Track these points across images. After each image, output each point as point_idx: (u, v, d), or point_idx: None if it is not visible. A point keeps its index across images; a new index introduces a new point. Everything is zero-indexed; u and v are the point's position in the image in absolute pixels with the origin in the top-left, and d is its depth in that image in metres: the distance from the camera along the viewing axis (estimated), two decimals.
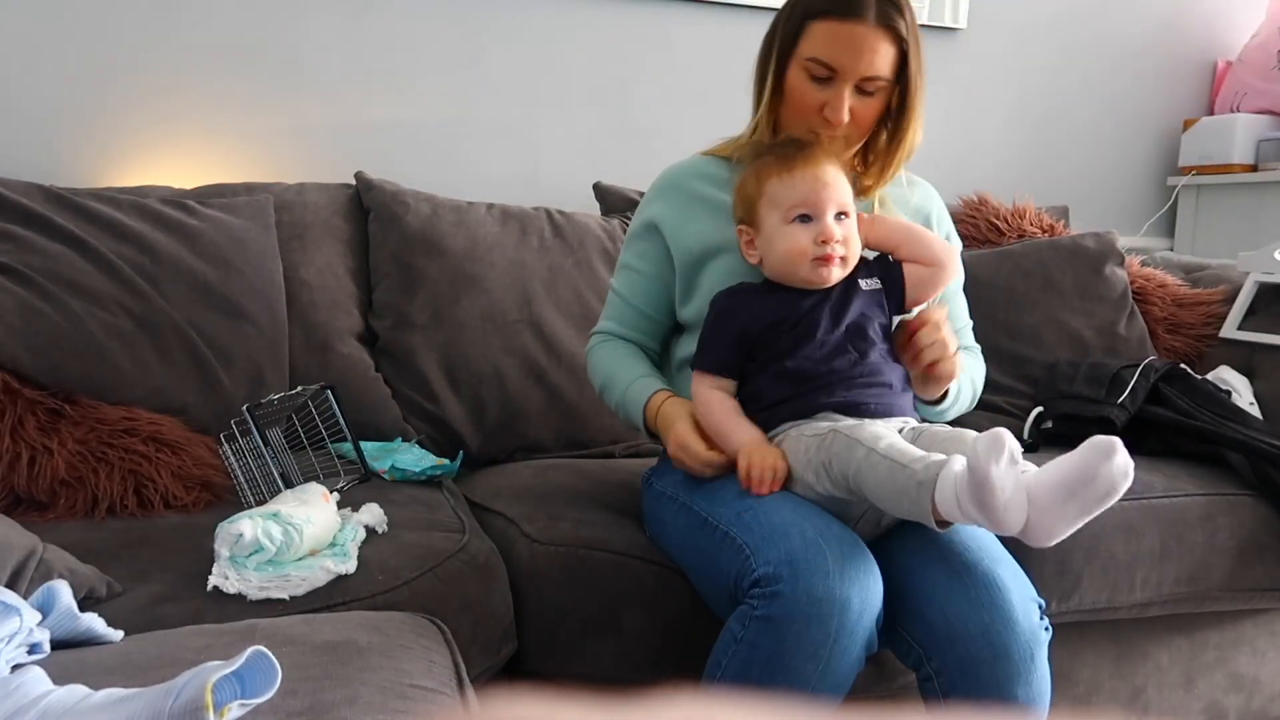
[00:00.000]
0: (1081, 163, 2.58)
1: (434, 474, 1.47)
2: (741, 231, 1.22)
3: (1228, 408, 1.64)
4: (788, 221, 1.16)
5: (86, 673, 0.76)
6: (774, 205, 1.17)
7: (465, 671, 0.89)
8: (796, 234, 1.16)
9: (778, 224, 1.17)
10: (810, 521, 1.05)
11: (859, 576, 1.01)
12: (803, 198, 1.16)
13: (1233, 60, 2.63)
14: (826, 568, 1.00)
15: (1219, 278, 2.02)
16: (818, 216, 1.16)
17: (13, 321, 1.35)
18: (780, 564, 1.00)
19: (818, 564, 1.00)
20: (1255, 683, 1.60)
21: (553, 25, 2.09)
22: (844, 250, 1.16)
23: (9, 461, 1.27)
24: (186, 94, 1.88)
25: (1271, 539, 1.48)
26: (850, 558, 1.02)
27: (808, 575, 0.99)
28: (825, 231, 1.15)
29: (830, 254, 1.15)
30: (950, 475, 0.96)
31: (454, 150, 2.06)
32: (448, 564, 1.16)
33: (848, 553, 1.02)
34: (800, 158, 1.18)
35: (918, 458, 1.00)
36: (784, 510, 1.08)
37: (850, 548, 1.03)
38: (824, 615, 0.98)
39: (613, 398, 1.33)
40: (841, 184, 1.18)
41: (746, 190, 1.21)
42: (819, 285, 1.18)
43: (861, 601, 1.00)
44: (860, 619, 1.00)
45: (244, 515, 1.08)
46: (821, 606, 0.98)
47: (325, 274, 1.70)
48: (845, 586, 0.99)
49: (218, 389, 1.47)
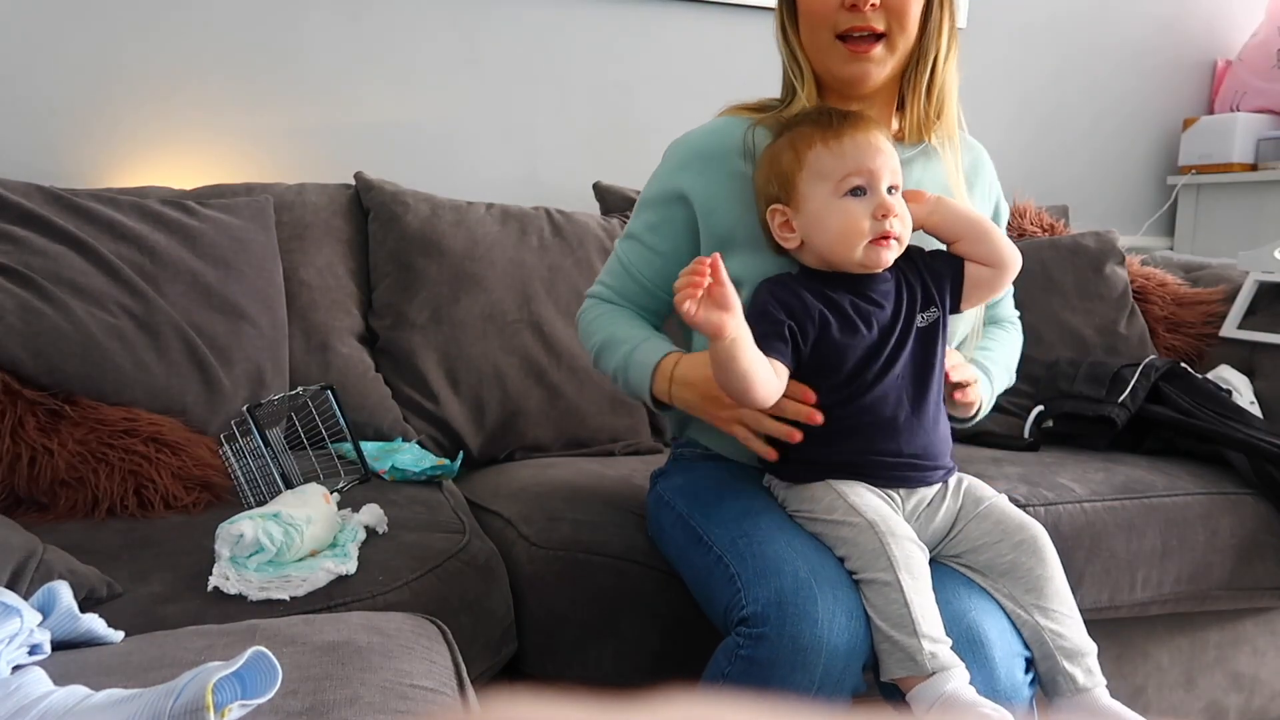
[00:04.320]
0: (1081, 162, 2.58)
1: (434, 474, 1.46)
2: (775, 212, 1.07)
3: (1228, 407, 1.64)
4: (840, 195, 1.03)
5: (87, 673, 0.76)
6: (820, 177, 1.03)
7: (465, 672, 0.89)
8: (851, 209, 1.02)
9: (827, 198, 1.03)
10: (804, 559, 1.00)
11: (848, 623, 0.96)
12: (857, 166, 1.02)
13: (1232, 60, 2.63)
14: (815, 614, 0.95)
15: (1219, 277, 2.02)
16: (873, 189, 1.03)
17: (13, 321, 1.35)
18: (769, 605, 0.96)
19: (806, 610, 0.95)
20: (1255, 682, 1.60)
21: (553, 25, 2.09)
22: (901, 228, 1.04)
23: (9, 462, 1.27)
24: (186, 94, 1.88)
25: (1272, 538, 1.48)
26: (841, 601, 0.97)
27: (795, 621, 0.95)
28: (884, 205, 1.02)
29: (889, 231, 1.02)
30: (938, 691, 0.91)
31: (453, 150, 2.05)
32: (448, 564, 1.16)
33: (840, 596, 0.97)
34: (847, 123, 1.05)
35: (929, 634, 0.94)
36: (779, 542, 1.02)
37: (842, 591, 0.98)
38: (809, 664, 0.95)
39: (612, 360, 1.19)
40: (893, 153, 1.05)
41: (782, 164, 1.06)
42: (873, 268, 1.05)
43: (849, 650, 0.96)
44: (846, 668, 0.96)
45: (244, 516, 1.08)
46: (807, 655, 0.94)
47: (325, 274, 1.70)
48: (833, 635, 0.95)
49: (218, 389, 1.47)
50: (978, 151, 1.27)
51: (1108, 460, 1.56)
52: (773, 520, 1.06)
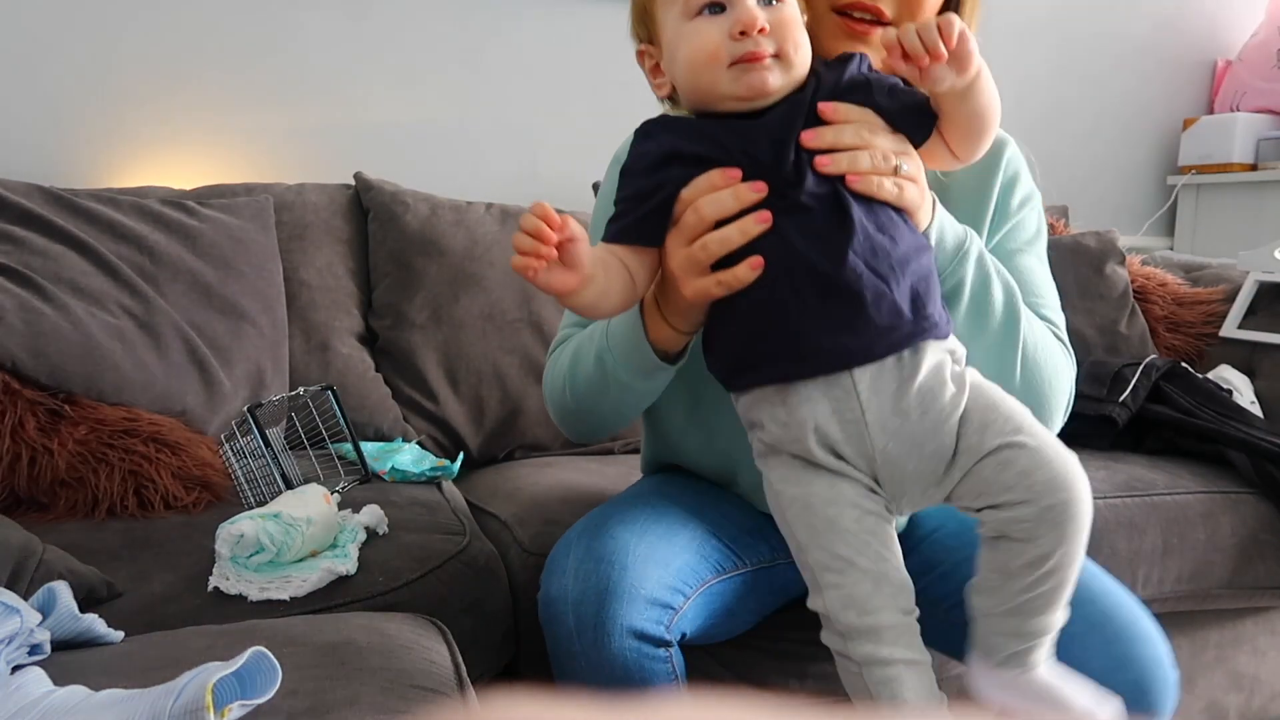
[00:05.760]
0: (1081, 162, 2.58)
1: (434, 475, 1.46)
2: (643, 55, 0.91)
3: (1229, 406, 1.64)
4: (690, 16, 0.82)
5: (87, 673, 0.76)
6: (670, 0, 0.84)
7: (465, 672, 0.89)
8: (702, 30, 0.81)
9: (680, 22, 0.83)
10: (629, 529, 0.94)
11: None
12: None
13: (1232, 60, 2.63)
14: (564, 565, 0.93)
15: (1219, 277, 2.02)
16: (732, 1, 0.81)
17: (13, 321, 1.35)
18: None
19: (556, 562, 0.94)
20: (1255, 681, 1.60)
21: (553, 25, 2.09)
22: (776, 44, 0.80)
23: (9, 462, 1.27)
24: (186, 94, 1.88)
25: (1273, 537, 1.48)
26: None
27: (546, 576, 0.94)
28: (742, 19, 0.79)
29: (755, 51, 0.80)
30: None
31: (454, 150, 2.05)
32: (448, 565, 1.16)
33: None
34: None
35: (865, 654, 0.79)
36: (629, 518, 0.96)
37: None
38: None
39: (588, 358, 0.98)
40: None
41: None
42: (751, 99, 0.82)
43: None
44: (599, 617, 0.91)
45: (244, 516, 1.08)
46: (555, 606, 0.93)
47: (325, 274, 1.70)
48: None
49: (218, 389, 1.47)
50: (1005, 139, 1.06)
51: (1109, 459, 1.56)
52: (674, 519, 0.98)
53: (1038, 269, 1.05)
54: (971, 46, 0.79)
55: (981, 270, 0.90)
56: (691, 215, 0.82)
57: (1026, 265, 1.03)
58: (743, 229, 0.80)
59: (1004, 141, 1.06)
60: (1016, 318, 0.92)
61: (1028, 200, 1.06)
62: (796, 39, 0.81)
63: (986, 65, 0.82)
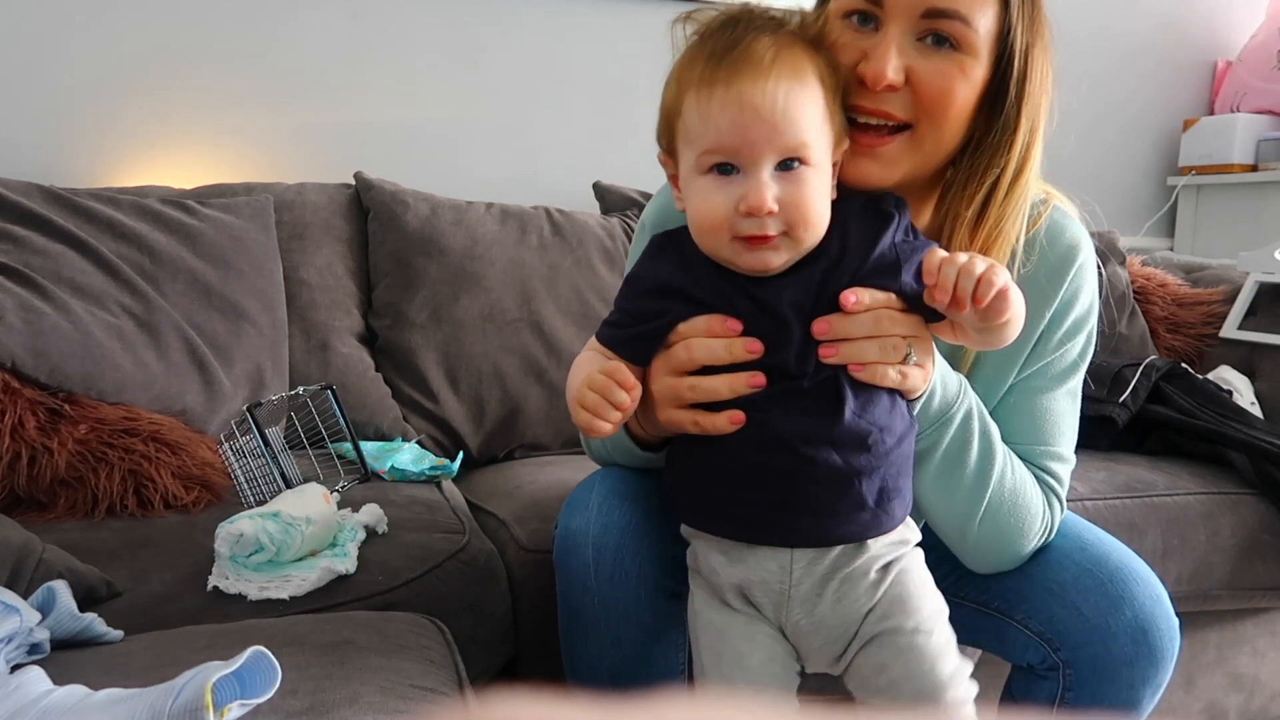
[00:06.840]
0: (1081, 162, 2.57)
1: (433, 474, 1.47)
2: (665, 163, 0.83)
3: (1229, 407, 1.64)
4: (701, 171, 0.76)
5: (86, 673, 0.76)
6: (686, 139, 0.77)
7: (465, 672, 0.89)
8: (710, 193, 0.76)
9: (690, 170, 0.77)
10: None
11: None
12: (717, 139, 0.74)
13: (1233, 60, 2.63)
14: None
15: (1219, 278, 2.02)
16: (747, 168, 0.74)
17: (13, 321, 1.34)
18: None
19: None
20: (1255, 682, 1.60)
21: (553, 25, 2.09)
22: (784, 224, 0.74)
23: (9, 461, 1.27)
24: (186, 94, 1.88)
25: (1273, 538, 1.48)
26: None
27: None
28: (751, 198, 0.73)
29: (760, 234, 0.74)
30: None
31: (454, 150, 2.05)
32: (448, 565, 1.16)
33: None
34: (729, 62, 0.73)
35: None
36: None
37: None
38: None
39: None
40: (795, 109, 0.73)
41: (666, 98, 0.80)
42: (754, 273, 0.78)
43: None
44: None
45: (244, 515, 1.08)
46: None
47: (325, 274, 1.70)
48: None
49: (218, 389, 1.47)
50: (1074, 234, 0.96)
51: (1109, 460, 1.56)
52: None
53: (1059, 410, 0.94)
54: (1006, 303, 0.73)
55: (962, 433, 0.86)
56: (682, 351, 0.79)
57: (1047, 407, 0.93)
58: (733, 387, 0.78)
59: (1074, 251, 0.95)
60: (987, 478, 0.87)
61: (1080, 325, 0.94)
62: (807, 218, 0.75)
63: (1020, 296, 0.76)
